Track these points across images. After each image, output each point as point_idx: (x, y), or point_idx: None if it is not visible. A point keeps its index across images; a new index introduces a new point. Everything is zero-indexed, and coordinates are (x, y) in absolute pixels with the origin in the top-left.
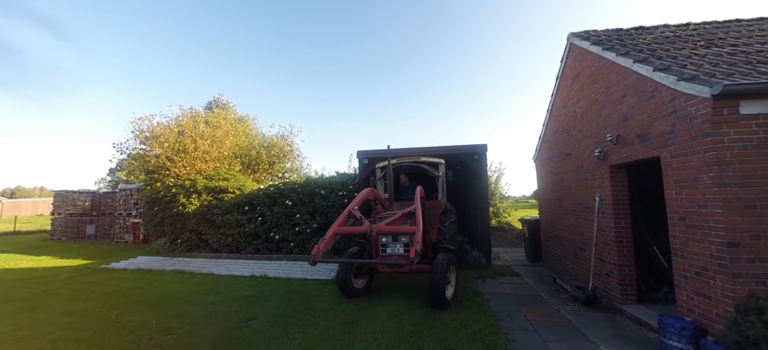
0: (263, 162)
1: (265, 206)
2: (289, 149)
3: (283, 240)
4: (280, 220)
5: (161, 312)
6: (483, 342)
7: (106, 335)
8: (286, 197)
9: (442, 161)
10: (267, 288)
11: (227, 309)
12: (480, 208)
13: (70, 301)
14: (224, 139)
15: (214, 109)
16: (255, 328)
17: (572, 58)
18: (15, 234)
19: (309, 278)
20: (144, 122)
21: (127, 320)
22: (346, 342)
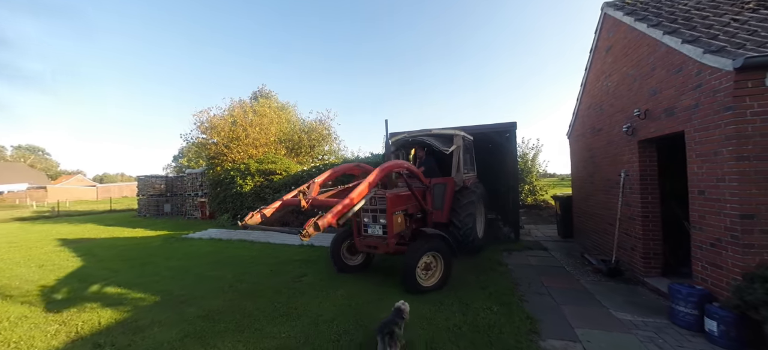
0: (305, 146)
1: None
2: (327, 133)
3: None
4: None
5: (233, 269)
6: (497, 300)
7: (197, 283)
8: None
9: (460, 134)
10: (314, 254)
11: (284, 269)
12: (511, 185)
13: (167, 260)
14: (270, 126)
15: (259, 98)
16: (307, 282)
17: (606, 30)
18: (111, 212)
19: None
20: (203, 114)
21: (210, 274)
22: (379, 292)
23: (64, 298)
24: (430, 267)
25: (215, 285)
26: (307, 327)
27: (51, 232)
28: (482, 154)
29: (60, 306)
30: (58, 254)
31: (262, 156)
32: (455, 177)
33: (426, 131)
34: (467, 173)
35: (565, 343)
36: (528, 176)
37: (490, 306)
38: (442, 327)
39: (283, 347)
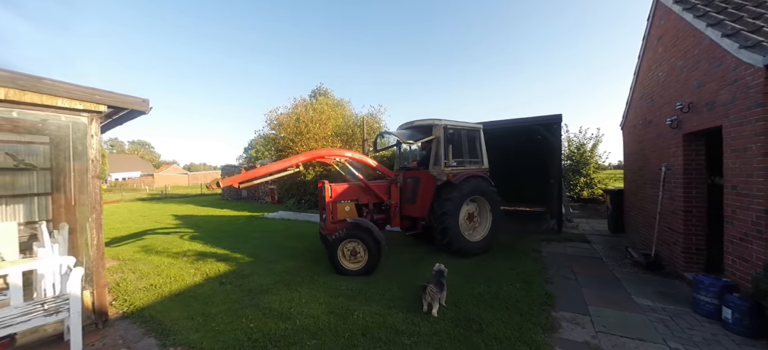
0: (358, 139)
1: None
2: (377, 126)
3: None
4: None
5: (302, 241)
6: (522, 279)
7: (278, 250)
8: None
9: (441, 124)
10: None
11: None
12: (556, 178)
13: (252, 232)
14: (327, 122)
15: (318, 96)
16: None
17: (658, 17)
18: (202, 195)
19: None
20: (272, 113)
21: (286, 244)
22: (415, 265)
23: (193, 254)
24: (356, 253)
25: (291, 252)
26: (360, 284)
27: (166, 210)
28: (529, 146)
29: (192, 259)
30: (178, 226)
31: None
32: (433, 171)
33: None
34: (457, 167)
35: (573, 315)
36: (584, 168)
37: (513, 283)
38: (468, 294)
39: (344, 295)
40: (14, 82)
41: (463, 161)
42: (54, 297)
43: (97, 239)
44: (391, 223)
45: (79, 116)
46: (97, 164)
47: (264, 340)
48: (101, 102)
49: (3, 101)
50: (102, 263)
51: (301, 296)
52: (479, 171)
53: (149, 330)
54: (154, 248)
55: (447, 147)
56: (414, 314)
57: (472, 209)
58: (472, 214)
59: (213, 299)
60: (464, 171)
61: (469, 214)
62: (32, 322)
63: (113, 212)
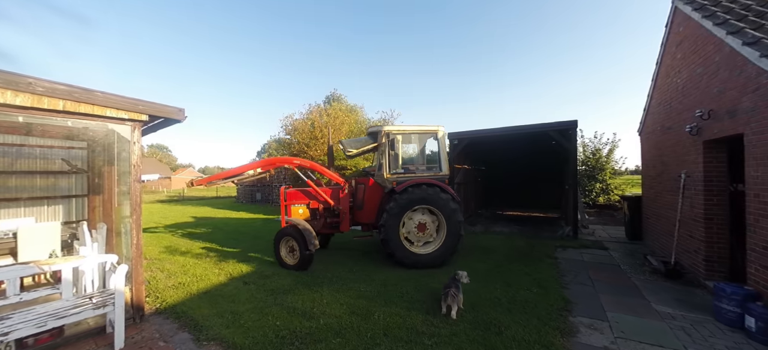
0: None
1: None
2: None
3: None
4: None
5: None
6: (539, 284)
7: None
8: None
9: (386, 130)
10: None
11: (357, 247)
12: (571, 184)
13: (269, 235)
14: (341, 127)
15: (331, 101)
16: (374, 258)
17: (676, 23)
18: (217, 198)
19: None
20: (288, 119)
21: None
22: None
23: (215, 255)
24: (293, 250)
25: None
26: (379, 287)
27: (184, 212)
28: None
29: (215, 260)
30: (197, 228)
31: (335, 153)
32: (377, 178)
33: (484, 133)
34: (405, 174)
35: (592, 321)
36: (600, 174)
37: (530, 288)
38: (485, 298)
39: (364, 296)
40: (71, 94)
41: (417, 168)
42: (100, 292)
43: (137, 238)
44: (340, 228)
45: (123, 124)
46: (138, 169)
47: (291, 337)
48: (143, 111)
49: (61, 111)
50: (140, 261)
51: (323, 296)
52: (431, 178)
53: (183, 325)
54: (178, 248)
55: (391, 154)
56: (433, 316)
57: (425, 219)
58: (423, 224)
59: (238, 297)
60: (411, 178)
61: (421, 224)
62: (82, 315)
63: None
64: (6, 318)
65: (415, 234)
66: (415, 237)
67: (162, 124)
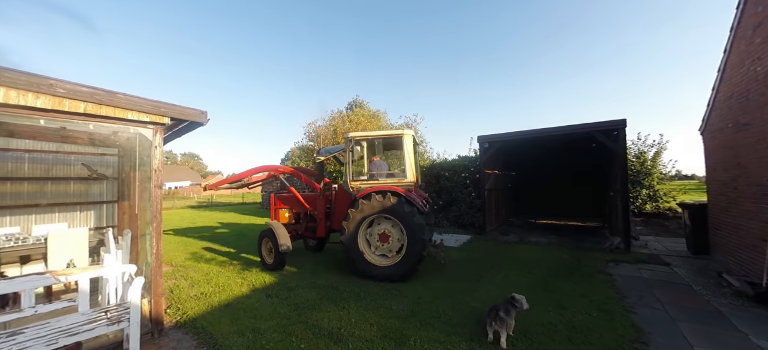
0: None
1: None
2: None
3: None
4: None
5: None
6: (598, 306)
7: (319, 262)
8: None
9: (351, 136)
10: None
11: None
12: (619, 190)
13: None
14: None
15: (354, 108)
16: None
17: (752, 4)
18: (243, 204)
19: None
20: (311, 125)
21: (325, 257)
22: (471, 286)
23: (239, 263)
24: (271, 250)
25: (332, 265)
26: (411, 304)
27: (212, 217)
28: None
29: (239, 269)
30: (223, 233)
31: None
32: (343, 185)
33: (520, 135)
34: (368, 181)
35: None
36: (646, 179)
37: (588, 311)
38: (536, 322)
39: (397, 316)
40: (93, 96)
41: (383, 174)
42: (116, 305)
43: (157, 248)
44: (316, 232)
45: (145, 128)
46: (159, 174)
47: None
48: (165, 114)
49: (82, 114)
50: (160, 272)
51: (350, 314)
52: (394, 186)
53: (201, 342)
54: (203, 256)
55: (354, 160)
56: (479, 343)
57: (386, 229)
58: (385, 234)
59: (261, 312)
60: (374, 186)
61: (382, 234)
62: (96, 330)
63: (166, 218)
64: (18, 332)
65: (377, 244)
66: (377, 247)
67: (185, 128)
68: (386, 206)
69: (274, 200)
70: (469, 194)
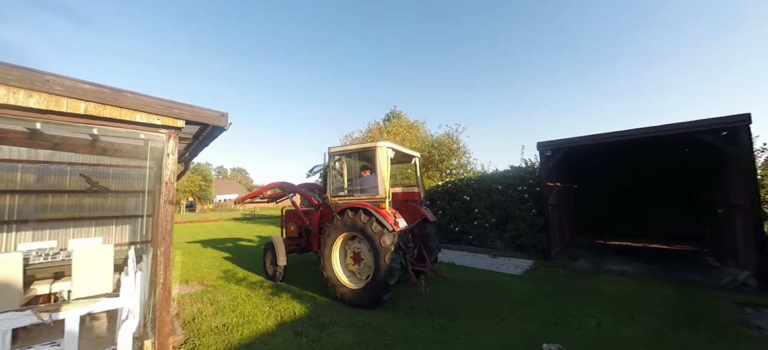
0: (435, 161)
1: (444, 201)
2: (456, 147)
3: (462, 232)
4: (459, 213)
5: None
6: None
7: None
8: (463, 193)
9: (331, 150)
10: (456, 273)
11: (455, 290)
12: (738, 205)
13: None
14: (402, 143)
15: (391, 119)
16: (460, 309)
17: None
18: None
19: (494, 270)
20: (347, 138)
21: None
22: (560, 335)
23: (269, 286)
24: (272, 263)
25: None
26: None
27: (253, 230)
28: (669, 163)
29: (268, 294)
30: (260, 248)
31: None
32: (326, 201)
33: (597, 138)
34: (346, 196)
35: None
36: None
37: None
38: None
39: None
40: (96, 95)
41: (357, 190)
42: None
43: (164, 277)
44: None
45: (157, 132)
46: (171, 187)
47: None
48: (179, 116)
49: (82, 116)
50: (168, 306)
51: None
52: (366, 202)
53: None
54: (236, 274)
55: (335, 174)
56: None
57: (359, 248)
58: (358, 254)
59: None
60: (348, 202)
61: (355, 254)
62: None
63: (212, 230)
64: None
65: (351, 265)
66: (351, 268)
67: (209, 137)
68: (356, 224)
69: (283, 215)
70: (529, 211)
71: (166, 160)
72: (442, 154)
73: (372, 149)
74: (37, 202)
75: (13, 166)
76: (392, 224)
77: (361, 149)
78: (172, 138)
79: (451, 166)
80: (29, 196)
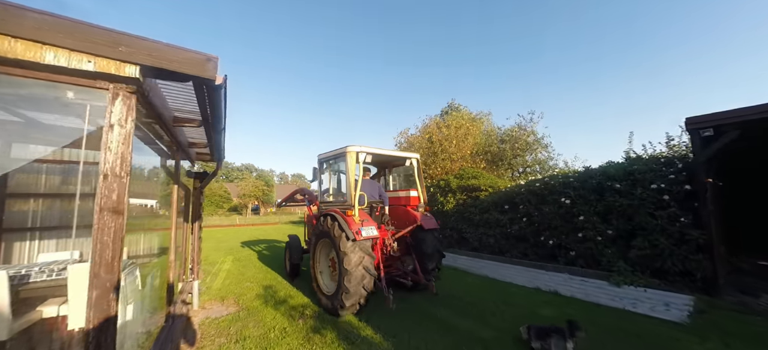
0: (507, 157)
1: (531, 205)
2: (532, 140)
3: (559, 247)
4: (554, 222)
5: (462, 313)
6: None
7: (425, 322)
8: (560, 194)
9: (322, 154)
10: (568, 309)
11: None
12: None
13: None
14: (465, 138)
15: (450, 112)
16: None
17: None
18: None
19: (628, 308)
20: (402, 135)
21: (434, 312)
22: None
23: (311, 316)
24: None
25: (446, 331)
26: None
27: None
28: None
29: (309, 328)
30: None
31: (459, 171)
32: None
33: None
34: (331, 201)
35: None
36: None
37: None
38: None
39: None
40: None
41: (374, 196)
42: None
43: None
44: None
45: (94, 86)
46: (117, 186)
47: None
48: (128, 59)
49: None
50: None
51: None
52: (336, 208)
53: None
54: (277, 293)
55: (321, 179)
56: None
57: (333, 255)
58: (334, 261)
59: None
60: (329, 207)
61: (331, 261)
62: None
63: (273, 231)
64: None
65: (333, 272)
66: (333, 275)
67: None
68: (324, 229)
69: (306, 217)
70: (672, 219)
71: (108, 137)
72: (515, 149)
73: (342, 154)
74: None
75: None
76: (355, 232)
77: (335, 154)
78: (121, 98)
79: (525, 163)
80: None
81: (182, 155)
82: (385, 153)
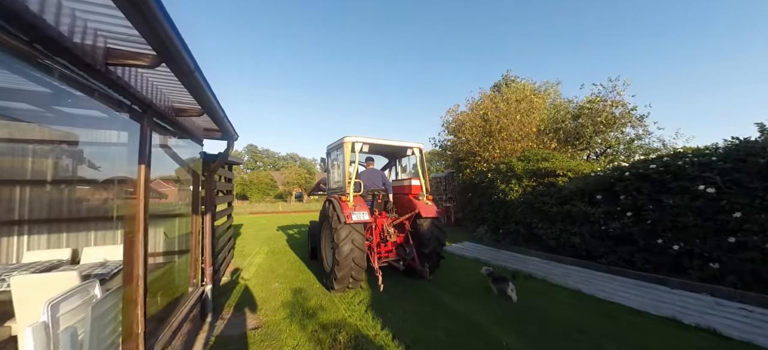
0: (586, 134)
1: (641, 195)
2: (619, 112)
3: (689, 255)
4: (682, 219)
5: (526, 332)
6: None
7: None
8: (693, 178)
9: (330, 144)
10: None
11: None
12: None
13: (440, 284)
14: (530, 113)
15: (507, 85)
16: None
17: None
18: None
19: None
20: (450, 114)
21: (490, 330)
22: None
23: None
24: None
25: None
26: None
27: None
28: None
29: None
30: None
31: (522, 153)
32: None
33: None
34: (335, 189)
35: None
36: None
37: None
38: None
39: None
40: None
41: (377, 183)
42: None
43: None
44: None
45: None
46: None
47: None
48: None
49: None
50: None
51: None
52: (335, 194)
53: None
54: (307, 302)
55: (332, 167)
56: None
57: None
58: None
59: None
60: (331, 194)
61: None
62: None
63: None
64: None
65: (332, 254)
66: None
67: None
68: (324, 213)
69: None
70: None
71: None
72: (597, 124)
73: (340, 145)
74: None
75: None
76: (346, 215)
77: (335, 145)
78: None
79: (607, 142)
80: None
81: (172, 126)
82: (383, 142)
